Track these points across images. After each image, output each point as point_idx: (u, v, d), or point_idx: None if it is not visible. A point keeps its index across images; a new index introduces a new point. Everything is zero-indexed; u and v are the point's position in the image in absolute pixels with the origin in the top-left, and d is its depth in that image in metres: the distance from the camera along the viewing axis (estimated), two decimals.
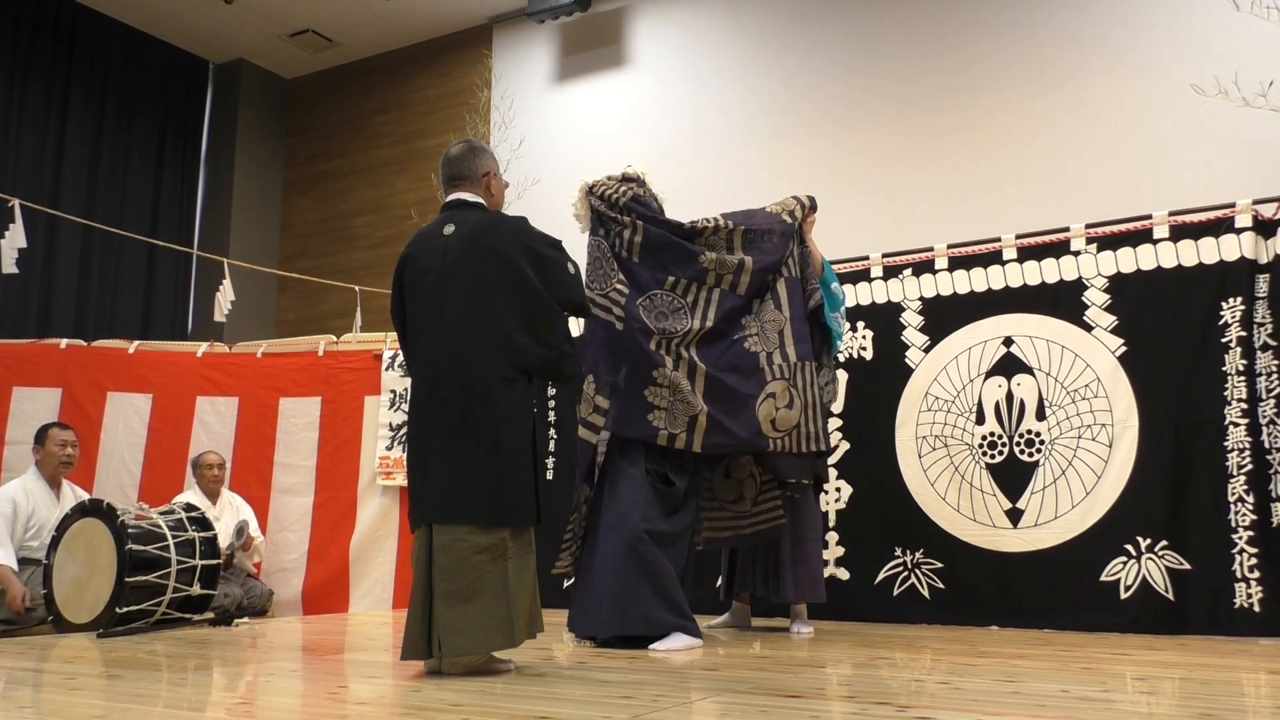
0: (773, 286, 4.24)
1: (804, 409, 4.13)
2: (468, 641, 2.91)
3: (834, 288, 4.52)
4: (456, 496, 2.98)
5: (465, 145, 3.34)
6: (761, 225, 4.27)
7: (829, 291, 4.47)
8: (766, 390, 4.06)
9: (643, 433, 3.89)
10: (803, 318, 4.26)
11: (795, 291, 4.26)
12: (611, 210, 4.11)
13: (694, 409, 3.90)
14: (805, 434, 4.13)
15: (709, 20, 7.54)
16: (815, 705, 2.56)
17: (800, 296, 4.28)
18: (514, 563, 2.99)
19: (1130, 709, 2.53)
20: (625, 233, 4.09)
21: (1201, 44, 5.79)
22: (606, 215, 4.12)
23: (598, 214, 4.13)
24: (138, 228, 8.11)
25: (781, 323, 4.19)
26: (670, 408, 3.90)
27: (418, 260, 3.19)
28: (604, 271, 4.05)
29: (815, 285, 4.38)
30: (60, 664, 3.45)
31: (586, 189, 4.14)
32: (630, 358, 3.95)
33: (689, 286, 4.09)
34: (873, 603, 4.96)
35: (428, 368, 3.10)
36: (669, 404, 3.90)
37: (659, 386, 3.91)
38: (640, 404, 3.91)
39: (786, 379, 4.11)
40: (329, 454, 6.17)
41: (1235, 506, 4.31)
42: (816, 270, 4.44)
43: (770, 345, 4.13)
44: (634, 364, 3.94)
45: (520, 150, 7.96)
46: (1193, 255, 4.57)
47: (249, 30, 8.64)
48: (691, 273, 4.10)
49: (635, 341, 3.96)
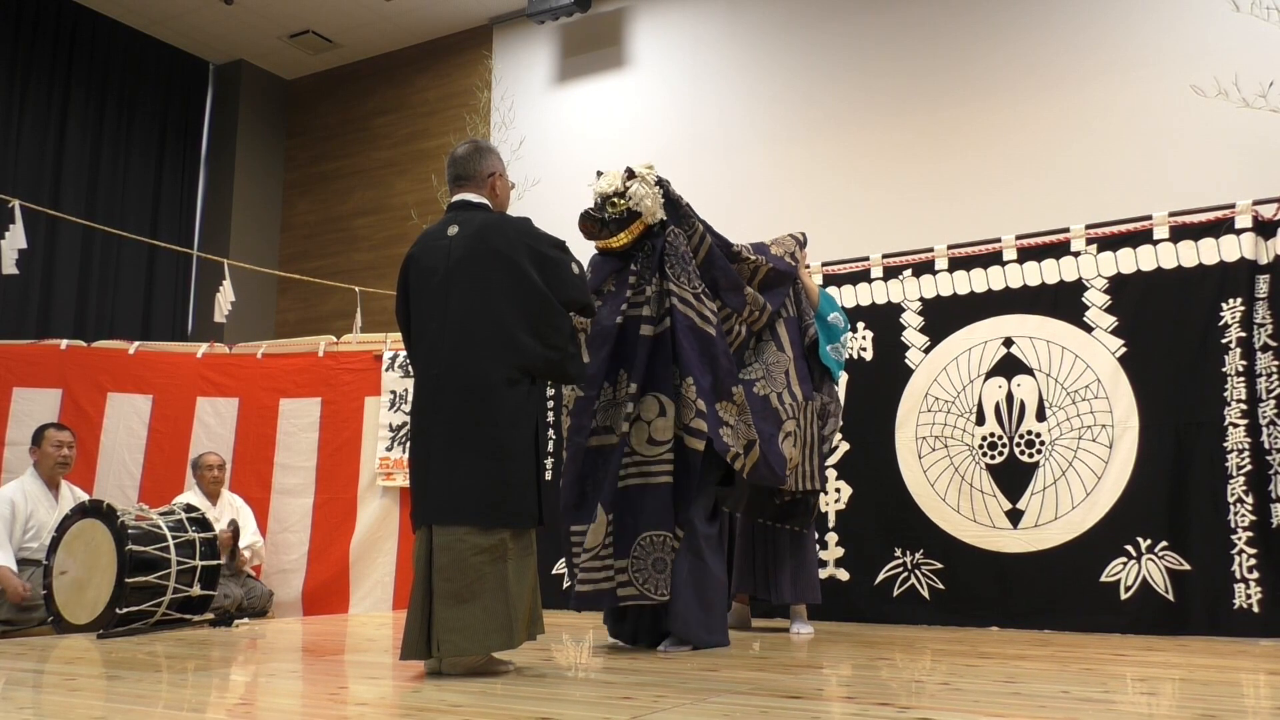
0: (773, 327, 4.23)
1: (804, 447, 4.16)
2: (467, 642, 2.91)
3: (830, 319, 4.48)
4: (457, 497, 2.98)
5: (471, 145, 3.34)
6: (781, 268, 4.22)
7: (825, 325, 4.47)
8: (784, 430, 4.04)
9: (721, 446, 3.69)
10: (802, 356, 4.28)
11: (794, 331, 4.27)
12: (677, 209, 3.93)
13: (751, 434, 3.81)
14: (803, 473, 4.18)
15: (709, 21, 7.54)
16: (815, 706, 2.56)
17: (799, 335, 4.29)
18: (514, 564, 2.99)
19: (1131, 710, 2.52)
20: (694, 238, 3.91)
21: (1201, 45, 5.79)
22: (679, 212, 3.92)
23: (672, 205, 3.91)
24: (138, 228, 8.11)
25: (786, 363, 4.17)
26: (735, 427, 3.76)
27: (422, 261, 3.19)
28: (688, 271, 3.81)
29: (810, 321, 4.40)
30: (60, 665, 3.45)
31: (655, 178, 3.88)
32: (718, 368, 3.77)
33: (729, 316, 3.97)
34: (873, 603, 4.96)
35: (431, 368, 3.10)
36: (735, 423, 3.76)
37: (732, 403, 3.77)
38: (715, 417, 3.72)
39: (795, 419, 4.10)
40: (329, 455, 6.17)
41: (1235, 507, 4.31)
42: (813, 304, 4.47)
43: (779, 386, 4.10)
44: (719, 375, 3.77)
45: (520, 151, 7.96)
46: (1193, 256, 4.57)
47: (249, 31, 8.64)
48: (735, 303, 3.99)
49: (725, 349, 3.81)
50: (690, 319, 3.75)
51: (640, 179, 3.84)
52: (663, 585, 3.59)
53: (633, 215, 3.82)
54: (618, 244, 3.85)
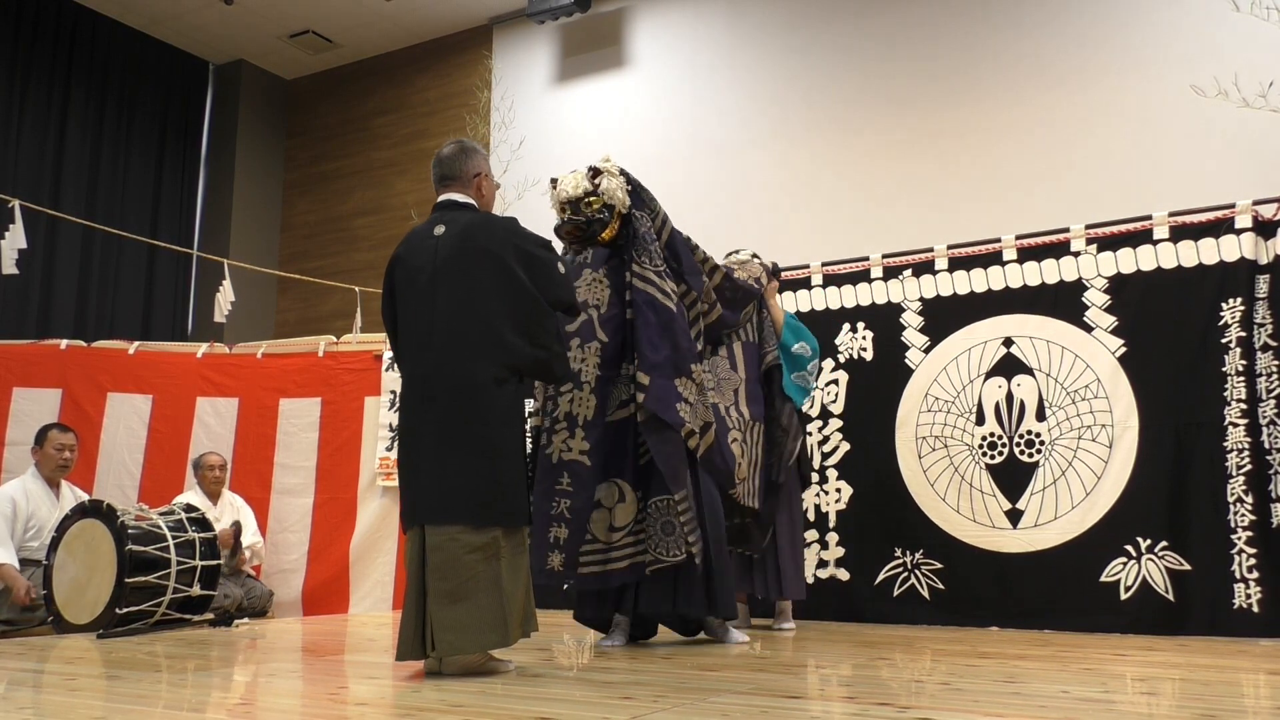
0: (729, 344, 4.32)
1: (749, 464, 4.23)
2: (462, 640, 2.91)
3: (796, 349, 4.50)
4: (449, 497, 2.97)
5: (457, 145, 3.34)
6: (740, 285, 4.29)
7: (789, 355, 4.50)
8: (731, 436, 4.12)
9: (674, 419, 3.70)
10: (756, 379, 4.38)
11: (751, 355, 4.36)
12: (640, 194, 3.99)
13: (709, 416, 3.84)
14: (749, 489, 4.25)
15: (709, 21, 7.54)
16: (815, 706, 2.56)
17: (755, 360, 4.39)
18: (507, 562, 2.99)
19: (1131, 710, 2.52)
20: (656, 220, 3.99)
21: (1201, 45, 5.79)
22: (641, 198, 3.99)
23: (635, 191, 3.97)
24: (138, 228, 8.11)
25: (737, 383, 4.31)
26: (695, 406, 3.77)
27: (408, 261, 3.19)
28: (649, 250, 3.88)
29: (770, 349, 4.47)
30: (60, 665, 3.45)
31: (617, 169, 3.95)
32: (673, 342, 3.78)
33: (694, 302, 4.01)
34: (873, 603, 4.96)
35: (418, 367, 3.10)
36: (695, 402, 3.78)
37: (691, 381, 3.78)
38: (673, 391, 3.74)
39: (741, 432, 4.20)
40: (329, 455, 6.17)
41: (1235, 507, 4.31)
42: (777, 333, 4.54)
43: (727, 400, 4.22)
44: (679, 349, 3.78)
45: (520, 151, 7.96)
46: (1193, 256, 4.57)
47: (249, 31, 8.64)
48: (697, 284, 4.04)
49: (684, 329, 3.84)
50: (650, 294, 3.81)
51: (606, 173, 3.93)
52: (673, 546, 3.67)
53: (608, 209, 3.90)
54: (607, 237, 3.92)
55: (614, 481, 3.77)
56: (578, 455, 3.73)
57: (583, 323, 3.86)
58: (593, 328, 3.86)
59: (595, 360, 3.82)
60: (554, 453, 3.76)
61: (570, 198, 3.91)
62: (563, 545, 3.69)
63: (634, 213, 3.93)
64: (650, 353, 3.72)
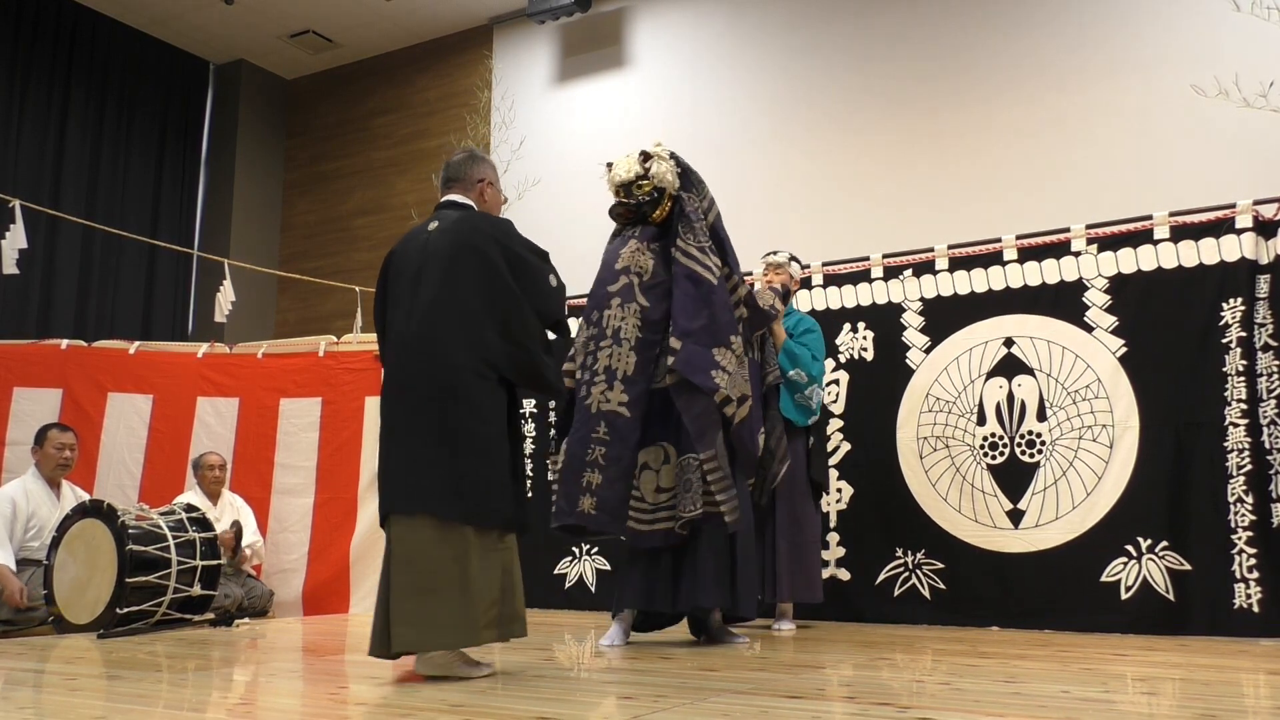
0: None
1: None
2: (418, 635, 2.83)
3: (792, 375, 4.50)
4: (415, 487, 2.91)
5: (467, 153, 3.37)
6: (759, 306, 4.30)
7: (787, 381, 4.51)
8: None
9: (703, 383, 3.72)
10: (758, 398, 4.36)
11: (754, 373, 4.37)
12: (689, 176, 4.07)
13: (746, 390, 3.87)
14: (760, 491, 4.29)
15: (709, 22, 7.54)
16: (815, 705, 2.56)
17: (758, 380, 4.40)
18: (477, 560, 2.88)
19: (1131, 710, 2.53)
20: (704, 203, 4.06)
21: (1201, 45, 5.78)
22: (690, 179, 4.07)
23: (684, 173, 4.06)
24: (138, 228, 8.10)
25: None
26: (734, 375, 3.78)
27: (399, 257, 3.20)
28: (694, 228, 3.95)
29: (772, 368, 4.50)
30: (60, 664, 3.45)
31: (667, 153, 4.04)
32: (711, 313, 3.82)
33: (736, 286, 4.05)
34: (873, 603, 4.97)
35: (398, 358, 3.08)
36: (733, 372, 3.79)
37: (730, 351, 3.81)
38: (707, 357, 3.77)
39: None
40: (329, 454, 6.17)
41: (1235, 507, 4.31)
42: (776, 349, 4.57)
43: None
44: (714, 320, 3.82)
45: (520, 150, 7.96)
46: (1193, 256, 4.57)
47: (249, 31, 8.64)
48: (738, 272, 4.10)
49: (724, 302, 3.89)
50: (692, 268, 3.88)
51: (656, 157, 4.04)
52: (688, 503, 3.73)
53: (659, 191, 4.01)
54: (658, 218, 4.02)
55: (660, 445, 3.86)
56: (616, 406, 3.78)
57: (623, 285, 3.95)
58: (633, 291, 3.93)
59: (635, 321, 3.87)
60: (593, 403, 3.82)
61: (623, 181, 4.04)
62: (595, 489, 3.74)
63: (682, 194, 4.03)
64: (685, 321, 3.79)
